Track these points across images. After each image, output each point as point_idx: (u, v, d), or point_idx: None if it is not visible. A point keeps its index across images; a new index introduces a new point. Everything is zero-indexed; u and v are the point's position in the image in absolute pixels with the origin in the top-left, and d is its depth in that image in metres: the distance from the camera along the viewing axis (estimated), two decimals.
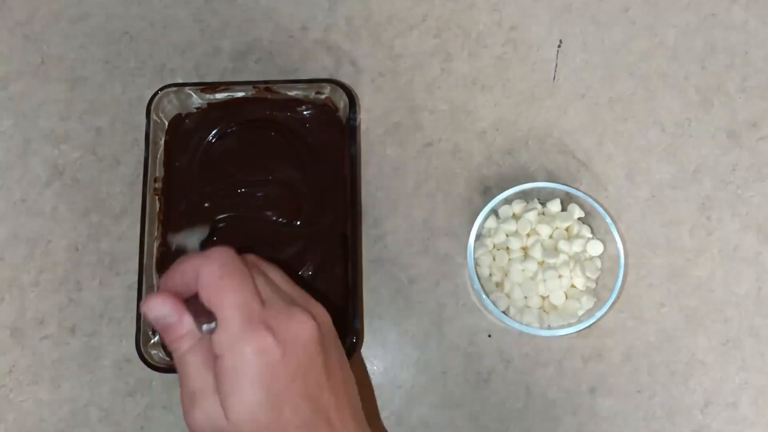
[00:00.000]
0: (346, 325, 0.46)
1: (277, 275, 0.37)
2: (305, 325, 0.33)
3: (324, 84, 0.49)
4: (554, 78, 0.53)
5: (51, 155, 0.53)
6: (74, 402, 0.49)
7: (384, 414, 0.49)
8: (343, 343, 0.46)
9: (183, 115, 0.51)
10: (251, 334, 0.31)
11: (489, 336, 0.49)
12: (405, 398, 0.49)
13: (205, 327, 0.32)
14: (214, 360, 0.32)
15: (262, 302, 0.33)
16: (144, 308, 0.33)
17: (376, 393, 0.49)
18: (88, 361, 0.50)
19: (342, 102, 0.49)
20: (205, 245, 0.49)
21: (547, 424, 0.48)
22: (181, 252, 0.48)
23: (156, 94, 0.49)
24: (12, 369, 0.50)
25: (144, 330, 0.46)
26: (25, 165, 0.53)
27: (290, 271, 0.48)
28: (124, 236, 0.51)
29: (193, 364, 0.33)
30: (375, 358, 0.49)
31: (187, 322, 0.33)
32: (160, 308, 0.33)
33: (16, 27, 0.56)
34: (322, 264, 0.49)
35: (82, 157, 0.53)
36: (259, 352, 0.31)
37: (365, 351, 0.49)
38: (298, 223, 0.49)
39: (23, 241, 0.52)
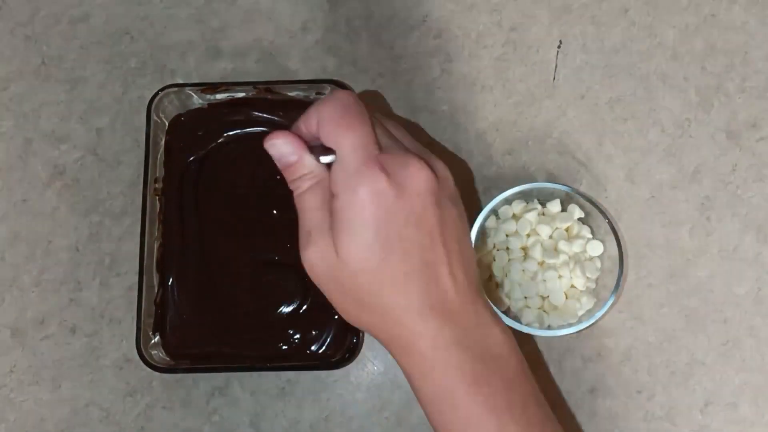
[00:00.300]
0: (349, 325, 0.46)
1: (399, 131, 0.36)
2: (421, 173, 0.33)
3: (325, 85, 0.49)
4: (554, 78, 0.53)
5: (51, 156, 0.53)
6: (75, 402, 0.49)
7: (384, 414, 0.49)
8: (346, 342, 0.46)
9: (183, 115, 0.51)
10: (366, 173, 0.31)
11: None
12: (405, 398, 0.49)
13: (322, 158, 0.33)
14: (330, 200, 0.32)
15: (380, 147, 0.33)
16: (267, 144, 0.34)
17: (376, 393, 0.49)
18: (89, 361, 0.50)
19: None
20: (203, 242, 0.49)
21: None
22: None
23: (156, 94, 0.49)
24: (13, 369, 0.50)
25: (144, 330, 0.46)
26: (26, 165, 0.53)
27: (291, 268, 0.49)
28: (125, 237, 0.51)
29: (311, 202, 0.33)
30: (375, 357, 0.50)
31: (308, 162, 0.33)
32: (283, 146, 0.33)
33: (17, 27, 0.56)
34: None
35: (83, 158, 0.53)
36: (372, 192, 0.31)
37: (366, 351, 0.50)
38: (295, 222, 0.49)
39: (24, 241, 0.52)
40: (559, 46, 0.54)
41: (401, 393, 0.49)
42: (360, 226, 0.31)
